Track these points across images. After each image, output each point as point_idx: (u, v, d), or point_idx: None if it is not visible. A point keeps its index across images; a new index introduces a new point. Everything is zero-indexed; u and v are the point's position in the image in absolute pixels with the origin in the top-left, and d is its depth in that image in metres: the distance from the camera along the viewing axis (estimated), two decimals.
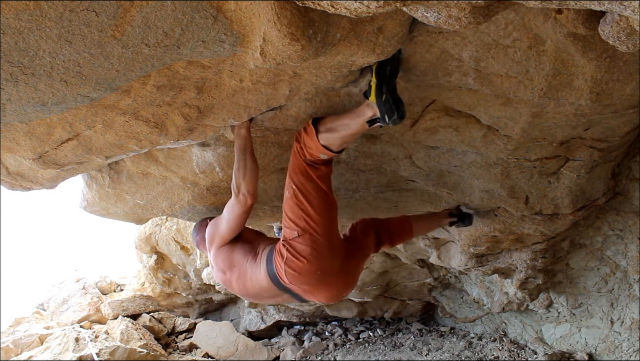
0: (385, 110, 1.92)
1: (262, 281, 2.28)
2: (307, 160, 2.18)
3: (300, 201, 2.17)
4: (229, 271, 2.39)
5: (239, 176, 2.25)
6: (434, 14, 1.32)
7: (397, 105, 1.92)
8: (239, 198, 2.25)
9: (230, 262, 2.38)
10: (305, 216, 2.16)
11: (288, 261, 2.16)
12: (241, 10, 1.44)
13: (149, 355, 5.45)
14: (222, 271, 2.42)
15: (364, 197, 3.14)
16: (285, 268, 2.17)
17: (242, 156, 2.25)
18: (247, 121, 2.28)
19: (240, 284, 2.37)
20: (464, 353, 5.05)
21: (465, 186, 2.94)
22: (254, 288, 2.35)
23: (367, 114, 2.03)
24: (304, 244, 2.15)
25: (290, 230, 2.19)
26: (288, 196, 2.21)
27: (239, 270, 2.34)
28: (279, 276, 2.21)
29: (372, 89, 1.95)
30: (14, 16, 1.23)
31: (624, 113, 2.23)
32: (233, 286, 2.46)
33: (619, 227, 3.51)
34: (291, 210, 2.18)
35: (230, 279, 2.42)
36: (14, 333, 5.83)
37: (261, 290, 2.34)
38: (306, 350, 5.82)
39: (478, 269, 3.98)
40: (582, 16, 1.49)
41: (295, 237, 2.17)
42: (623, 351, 3.93)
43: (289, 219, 2.20)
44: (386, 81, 1.90)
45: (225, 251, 2.40)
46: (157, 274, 6.42)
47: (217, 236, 2.39)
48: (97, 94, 1.71)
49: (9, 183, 2.36)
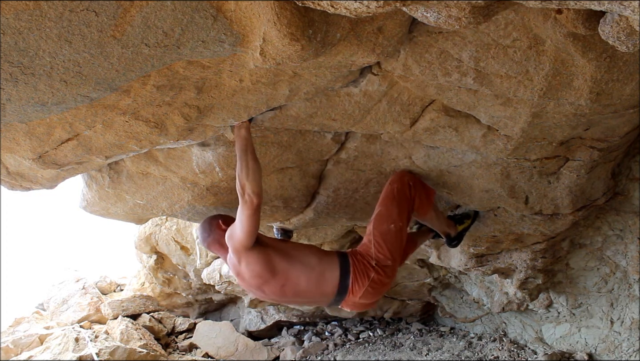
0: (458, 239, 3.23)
1: (327, 289, 2.50)
2: (414, 205, 2.70)
3: (401, 239, 2.61)
4: (272, 277, 2.42)
5: (243, 177, 2.25)
6: (434, 14, 1.32)
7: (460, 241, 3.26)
8: (245, 198, 2.25)
9: (271, 268, 2.40)
10: (400, 251, 2.60)
11: (373, 283, 2.50)
12: (241, 10, 1.44)
13: (149, 355, 5.44)
14: (258, 276, 2.41)
15: (364, 197, 3.14)
16: (367, 286, 2.49)
17: (244, 156, 2.25)
18: (247, 121, 2.27)
19: (287, 289, 2.46)
20: (464, 353, 5.05)
21: (465, 186, 2.94)
22: (306, 294, 2.51)
23: (450, 231, 3.18)
24: (390, 272, 2.56)
25: (385, 258, 2.55)
26: (392, 230, 2.59)
27: (285, 277, 2.44)
28: (351, 290, 2.49)
29: (464, 225, 3.20)
30: (14, 16, 1.23)
31: (623, 113, 2.23)
32: (268, 291, 2.48)
33: (619, 227, 3.51)
34: (392, 243, 2.58)
35: (267, 285, 2.44)
36: (14, 333, 5.83)
37: (314, 296, 2.55)
38: (306, 350, 5.82)
39: (478, 269, 3.98)
40: (582, 16, 1.49)
41: (388, 265, 2.54)
42: (623, 351, 3.93)
43: (387, 249, 2.56)
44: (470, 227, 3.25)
45: (262, 258, 2.39)
46: (157, 274, 6.41)
47: (237, 242, 2.35)
48: (97, 94, 1.71)
49: (9, 183, 2.36)
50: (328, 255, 2.61)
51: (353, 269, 2.51)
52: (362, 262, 2.54)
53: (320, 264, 2.50)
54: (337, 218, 3.38)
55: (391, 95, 2.22)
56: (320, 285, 2.49)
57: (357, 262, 2.54)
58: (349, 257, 2.56)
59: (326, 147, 2.66)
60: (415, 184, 2.75)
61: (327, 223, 3.53)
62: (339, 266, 2.51)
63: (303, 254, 2.53)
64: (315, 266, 2.49)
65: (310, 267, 2.47)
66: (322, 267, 2.50)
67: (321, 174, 2.96)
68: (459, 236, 3.28)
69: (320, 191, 3.07)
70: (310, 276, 2.47)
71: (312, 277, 2.47)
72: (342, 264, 2.51)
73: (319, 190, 3.07)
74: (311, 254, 2.56)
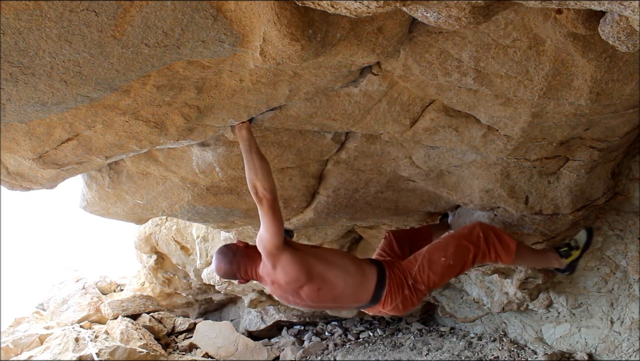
0: (571, 268, 3.09)
1: (362, 296, 2.56)
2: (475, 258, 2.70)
3: (442, 276, 2.64)
4: (308, 280, 2.42)
5: (252, 177, 2.25)
6: (434, 14, 1.32)
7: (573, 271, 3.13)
8: (259, 197, 2.25)
9: (307, 271, 2.41)
10: (434, 285, 2.66)
11: (404, 299, 2.58)
12: (241, 10, 1.44)
13: (149, 355, 5.45)
14: (295, 280, 2.40)
15: (364, 197, 3.14)
16: (399, 302, 2.58)
17: (249, 156, 2.25)
18: (247, 122, 2.27)
19: (323, 294, 2.48)
20: (464, 353, 5.05)
21: (465, 186, 2.94)
22: (341, 299, 2.55)
23: (554, 264, 3.06)
24: (419, 297, 2.64)
25: (421, 282, 2.61)
26: (442, 263, 2.63)
27: (322, 281, 2.46)
28: (383, 301, 2.57)
29: (572, 257, 3.05)
30: (14, 16, 1.23)
31: (623, 113, 2.23)
32: (304, 295, 2.48)
33: (619, 227, 3.51)
34: (434, 273, 2.62)
35: (303, 288, 2.45)
36: (14, 333, 5.83)
37: (349, 302, 2.60)
38: (306, 350, 5.82)
39: (478, 269, 3.98)
40: (582, 16, 1.49)
41: (421, 289, 2.61)
42: (623, 351, 3.93)
43: (427, 275, 2.61)
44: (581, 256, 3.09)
45: (297, 260, 2.38)
46: (157, 274, 6.42)
47: (267, 243, 2.31)
48: (97, 94, 1.71)
49: (9, 183, 2.36)
50: (365, 262, 2.64)
51: (389, 281, 2.56)
52: (400, 276, 2.59)
53: (358, 271, 2.53)
54: (337, 218, 3.38)
55: (391, 95, 2.22)
56: (357, 292, 2.53)
57: (394, 275, 2.58)
58: (386, 268, 2.61)
59: (326, 147, 2.66)
60: (487, 235, 2.74)
61: (327, 223, 3.53)
62: (376, 275, 2.55)
63: (340, 259, 2.56)
64: (353, 272, 2.51)
65: (348, 273, 2.50)
66: (360, 274, 2.53)
67: (321, 174, 2.96)
68: (570, 268, 3.13)
69: (320, 191, 3.07)
70: (347, 282, 2.49)
71: (350, 282, 2.49)
72: (380, 274, 2.56)
73: (319, 190, 3.07)
74: (347, 259, 2.59)
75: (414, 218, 3.67)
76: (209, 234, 5.19)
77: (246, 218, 3.23)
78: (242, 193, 2.87)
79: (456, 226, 3.56)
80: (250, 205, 2.95)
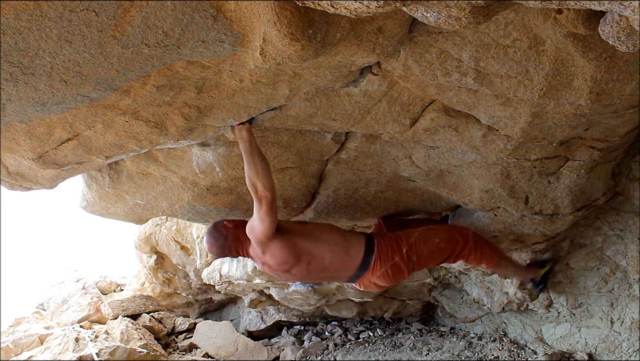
0: (544, 282, 3.60)
1: (351, 264, 2.66)
2: (461, 252, 2.88)
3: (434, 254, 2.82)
4: (297, 261, 2.55)
5: (252, 177, 2.29)
6: (434, 14, 1.32)
7: (546, 284, 3.67)
8: (259, 196, 2.31)
9: (295, 253, 2.53)
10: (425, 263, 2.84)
11: (394, 266, 2.70)
12: (241, 10, 1.44)
13: (149, 355, 5.44)
14: (284, 262, 2.54)
15: (364, 197, 3.14)
16: (387, 267, 2.68)
17: (250, 157, 2.29)
18: (247, 123, 2.28)
19: (312, 267, 2.61)
20: (464, 353, 5.05)
21: (465, 186, 2.94)
22: (330, 268, 2.64)
23: (529, 275, 3.56)
24: (410, 267, 2.75)
25: (414, 253, 2.74)
26: (436, 243, 2.80)
27: (310, 257, 2.58)
28: (372, 267, 2.66)
29: (546, 268, 3.60)
30: (14, 16, 1.23)
31: (623, 113, 2.23)
32: (295, 272, 2.62)
33: (619, 227, 3.51)
34: (428, 249, 2.78)
35: (294, 268, 2.58)
36: (14, 333, 5.83)
37: (338, 271, 2.69)
38: (306, 350, 5.82)
39: (478, 269, 3.98)
40: (582, 16, 1.49)
41: (413, 260, 2.74)
42: (623, 351, 3.93)
43: (421, 249, 2.76)
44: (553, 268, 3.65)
45: (285, 246, 2.50)
46: (157, 274, 6.42)
47: (259, 234, 2.44)
48: (97, 94, 1.71)
49: (9, 183, 2.36)
50: (353, 233, 2.82)
51: (377, 249, 2.67)
52: (390, 244, 2.71)
53: (344, 241, 2.66)
54: (337, 218, 3.38)
55: (391, 95, 2.22)
56: (345, 260, 2.65)
57: (383, 242, 2.71)
58: (375, 237, 2.73)
59: (326, 147, 2.66)
60: (476, 237, 2.96)
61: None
62: (364, 243, 2.67)
63: (326, 233, 2.69)
64: (340, 242, 2.64)
65: (335, 243, 2.63)
66: (346, 243, 2.65)
67: (321, 174, 2.96)
68: (543, 280, 3.61)
69: (320, 191, 3.07)
70: (334, 252, 2.61)
71: (337, 252, 2.62)
72: (368, 242, 2.68)
73: (319, 190, 3.07)
74: (334, 232, 2.72)
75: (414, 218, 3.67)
76: None
77: (246, 218, 3.23)
78: (242, 193, 2.88)
79: None
80: (250, 205, 2.94)
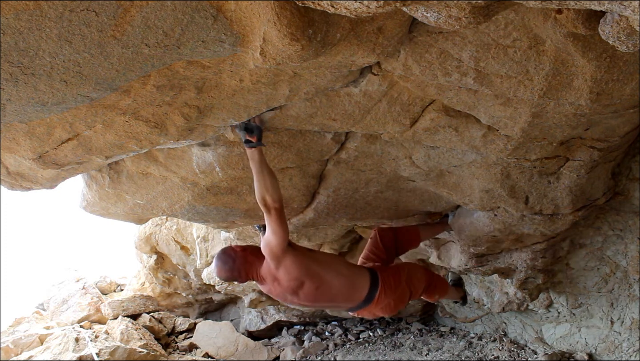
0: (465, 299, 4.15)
1: (356, 296, 2.80)
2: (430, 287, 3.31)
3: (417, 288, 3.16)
4: (308, 279, 2.61)
5: (262, 191, 2.37)
6: (434, 14, 1.32)
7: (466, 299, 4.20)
8: (268, 207, 2.38)
9: (307, 271, 2.60)
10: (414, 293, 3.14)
11: (397, 298, 2.92)
12: (241, 10, 1.44)
13: (149, 355, 5.44)
14: (295, 278, 2.58)
15: (364, 197, 3.14)
16: (390, 300, 2.88)
17: (261, 176, 2.37)
18: (260, 146, 2.35)
19: (320, 293, 2.68)
20: (464, 353, 5.05)
21: (465, 186, 2.94)
22: (337, 298, 2.75)
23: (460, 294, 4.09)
24: (407, 296, 3.04)
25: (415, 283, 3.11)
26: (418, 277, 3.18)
27: (319, 280, 2.65)
28: (376, 300, 2.82)
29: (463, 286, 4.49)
30: (14, 16, 1.23)
31: (624, 113, 2.23)
32: (303, 294, 2.65)
33: (619, 227, 3.51)
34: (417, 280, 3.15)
35: (303, 287, 2.63)
36: (14, 333, 5.83)
37: (344, 301, 2.81)
38: (306, 350, 5.82)
39: (478, 269, 3.98)
40: (582, 16, 1.49)
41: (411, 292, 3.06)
42: (623, 351, 3.93)
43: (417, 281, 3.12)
44: None
45: (298, 261, 2.57)
46: (157, 274, 6.42)
47: (275, 247, 2.48)
48: (97, 94, 1.71)
49: (9, 183, 2.36)
50: (357, 266, 2.96)
51: (382, 283, 2.82)
52: (393, 277, 2.90)
53: (351, 273, 2.78)
54: (337, 218, 3.38)
55: (391, 95, 2.22)
56: (351, 292, 2.76)
57: (386, 277, 2.87)
58: (378, 272, 2.88)
59: (326, 147, 2.66)
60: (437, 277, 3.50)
61: (327, 223, 3.53)
62: (369, 278, 2.81)
63: (335, 263, 2.81)
64: (347, 274, 2.75)
65: (342, 274, 2.73)
66: (353, 276, 2.78)
67: (321, 174, 2.96)
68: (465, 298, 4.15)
69: (320, 191, 3.07)
70: (342, 282, 2.71)
71: (344, 283, 2.72)
72: (372, 277, 2.83)
73: (319, 190, 3.07)
74: (341, 263, 2.86)
75: (415, 217, 3.67)
76: (209, 234, 5.20)
77: (246, 218, 3.23)
78: (242, 193, 2.88)
79: (456, 226, 3.56)
80: (250, 205, 2.95)
